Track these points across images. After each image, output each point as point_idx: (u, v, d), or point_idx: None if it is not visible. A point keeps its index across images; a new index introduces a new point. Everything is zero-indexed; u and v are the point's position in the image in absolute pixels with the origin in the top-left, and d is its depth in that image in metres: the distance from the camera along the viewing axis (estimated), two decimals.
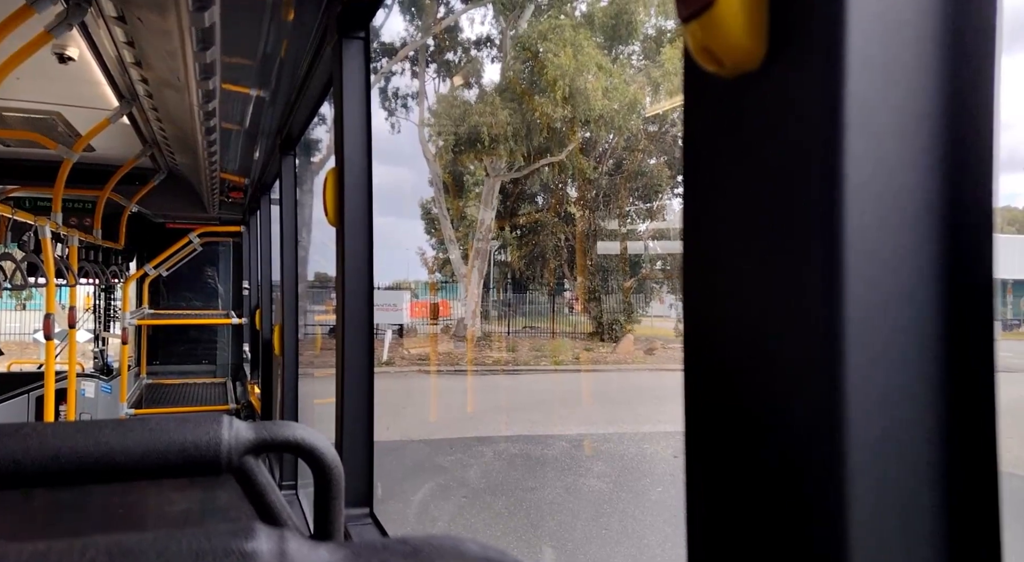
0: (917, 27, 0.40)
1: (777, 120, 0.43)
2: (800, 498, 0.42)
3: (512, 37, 22.88)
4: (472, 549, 0.43)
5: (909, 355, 0.40)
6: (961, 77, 0.40)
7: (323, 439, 0.96)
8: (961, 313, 0.41)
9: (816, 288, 0.41)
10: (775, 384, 0.44)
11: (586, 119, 21.47)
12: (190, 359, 7.74)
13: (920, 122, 0.40)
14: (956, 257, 0.41)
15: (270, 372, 4.52)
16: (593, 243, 26.84)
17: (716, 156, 0.48)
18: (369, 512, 1.89)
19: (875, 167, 0.39)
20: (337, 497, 0.97)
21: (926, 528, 0.40)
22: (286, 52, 2.63)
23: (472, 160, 23.40)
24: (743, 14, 0.42)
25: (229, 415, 0.89)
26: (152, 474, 0.85)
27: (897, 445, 0.40)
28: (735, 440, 0.47)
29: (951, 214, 0.41)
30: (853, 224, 0.39)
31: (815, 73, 0.40)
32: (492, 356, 22.27)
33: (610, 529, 7.36)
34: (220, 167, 4.53)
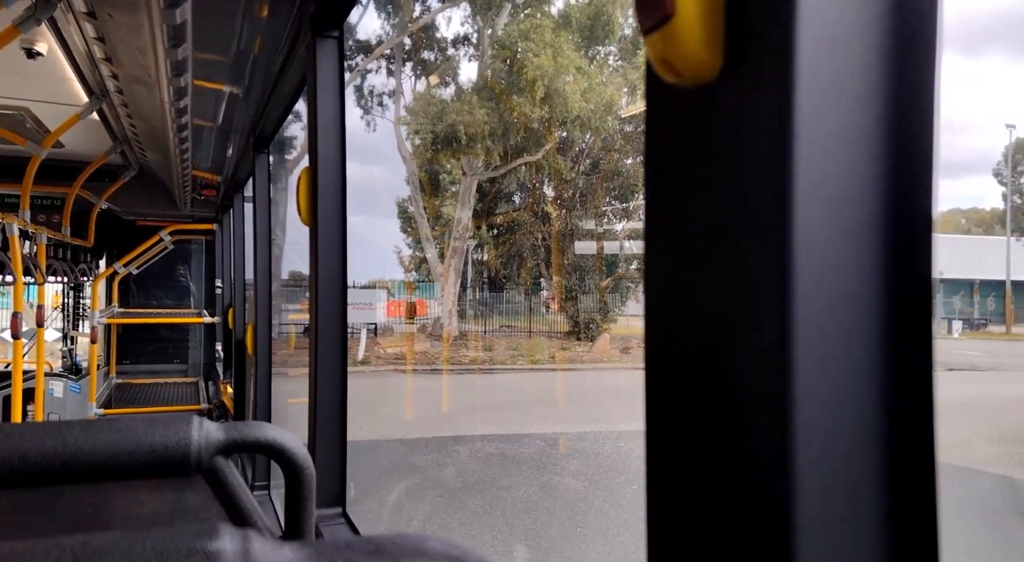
0: (863, 44, 0.42)
1: (732, 129, 0.45)
2: (751, 492, 0.43)
3: (489, 36, 22.87)
4: (435, 546, 0.44)
5: (854, 353, 0.42)
6: (904, 91, 0.42)
7: (294, 439, 0.96)
8: (902, 314, 0.43)
9: (768, 291, 0.42)
10: (729, 383, 0.45)
11: (563, 119, 21.53)
12: (161, 358, 7.64)
13: (865, 133, 0.42)
14: (898, 261, 0.43)
15: (243, 372, 4.48)
16: (570, 242, 26.92)
17: (676, 163, 0.50)
18: (342, 512, 1.89)
19: (823, 176, 0.41)
20: (308, 497, 0.97)
21: (870, 522, 0.42)
22: (260, 49, 2.61)
23: (449, 159, 23.36)
24: (700, 28, 0.44)
25: (199, 415, 0.89)
26: (121, 475, 0.84)
27: (843, 442, 0.42)
28: (692, 438, 0.49)
29: (894, 220, 0.43)
30: (802, 229, 0.41)
31: (767, 86, 0.42)
32: (469, 355, 22.25)
33: (586, 527, 7.40)
34: (192, 164, 4.48)
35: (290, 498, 0.97)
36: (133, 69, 2.60)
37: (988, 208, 59.87)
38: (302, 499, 0.96)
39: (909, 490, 0.43)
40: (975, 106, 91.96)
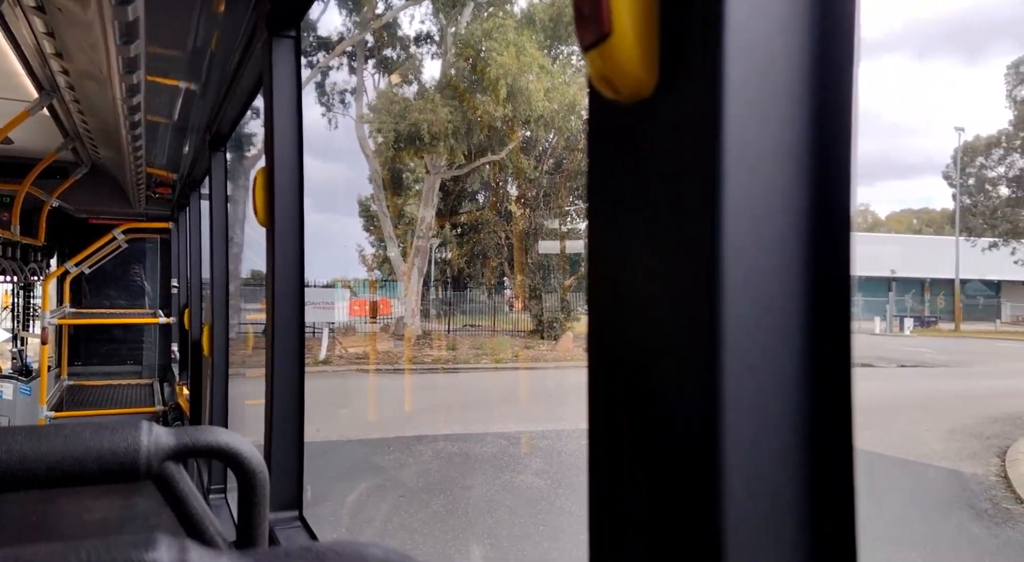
0: (786, 63, 0.44)
1: (667, 143, 0.47)
2: (682, 490, 0.45)
3: (453, 34, 22.81)
4: (375, 554, 0.44)
5: (778, 354, 0.45)
6: (824, 107, 0.45)
7: (247, 443, 0.96)
8: (824, 316, 0.46)
9: (698, 296, 0.45)
10: (662, 383, 0.48)
11: (527, 118, 21.57)
12: (115, 359, 7.46)
13: (788, 147, 0.45)
14: (820, 266, 0.46)
15: (199, 373, 4.41)
16: (534, 241, 27.00)
17: (616, 174, 0.52)
18: (298, 515, 1.87)
19: (749, 187, 0.44)
20: (261, 502, 0.96)
21: (792, 518, 0.44)
22: (216, 45, 2.57)
23: (412, 157, 23.23)
24: (636, 47, 0.46)
25: (149, 420, 0.88)
26: (68, 482, 0.83)
27: (767, 441, 0.44)
28: (628, 437, 0.50)
29: (816, 229, 0.45)
30: (730, 238, 0.43)
31: (699, 102, 0.44)
32: (432, 354, 22.17)
33: (548, 525, 7.44)
34: (146, 162, 4.39)
35: (243, 503, 0.96)
36: (84, 65, 2.54)
37: (939, 208, 61.76)
38: (255, 504, 0.96)
39: (829, 487, 0.45)
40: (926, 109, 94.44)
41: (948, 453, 10.32)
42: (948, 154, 40.65)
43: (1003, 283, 43.51)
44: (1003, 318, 42.12)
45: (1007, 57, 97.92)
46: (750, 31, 0.43)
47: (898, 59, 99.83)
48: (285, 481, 1.87)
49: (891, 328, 36.41)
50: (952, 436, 11.36)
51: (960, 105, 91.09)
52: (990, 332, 36.64)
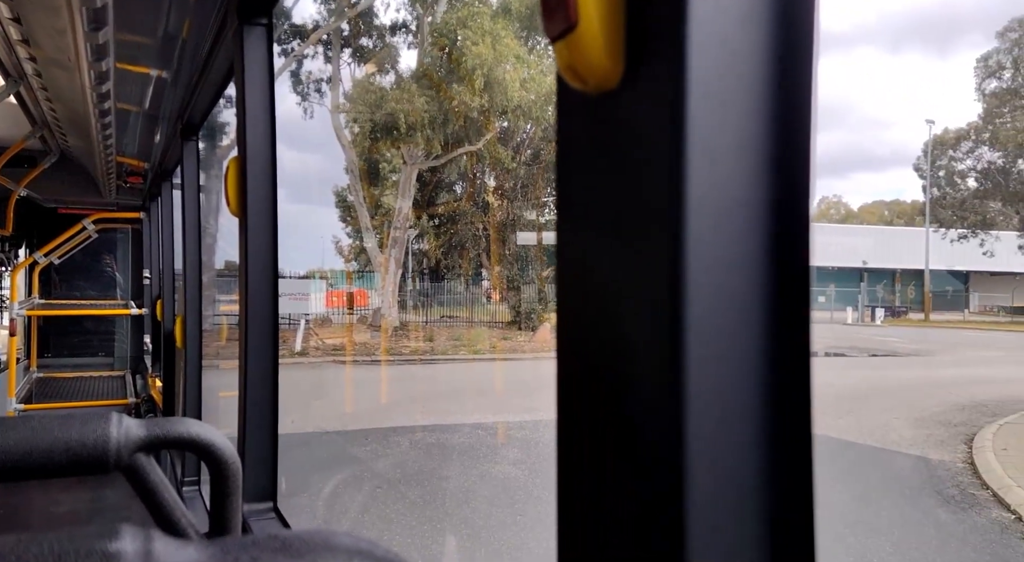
0: (748, 58, 0.45)
1: (633, 134, 0.48)
2: (648, 478, 0.46)
3: (429, 24, 22.64)
4: (343, 541, 0.45)
5: (740, 343, 0.46)
6: (785, 99, 0.46)
7: (219, 435, 0.95)
8: (783, 307, 0.47)
9: (660, 286, 0.45)
10: (628, 373, 0.48)
11: (504, 109, 21.51)
12: (86, 351, 7.35)
13: (750, 138, 0.46)
14: (780, 258, 0.46)
15: (172, 365, 4.36)
16: (511, 233, 27.00)
17: (583, 165, 0.53)
18: (272, 506, 1.87)
19: (712, 178, 0.45)
20: (234, 493, 0.96)
21: (752, 508, 0.46)
22: (188, 32, 2.53)
23: (389, 147, 23.07)
24: (602, 38, 0.47)
25: (121, 412, 0.87)
26: (36, 474, 0.82)
27: (728, 430, 0.45)
28: (595, 428, 0.51)
29: (776, 220, 0.46)
30: (692, 228, 0.44)
31: (663, 94, 0.45)
32: (409, 346, 22.13)
33: (525, 515, 7.48)
34: (117, 150, 4.32)
35: (216, 495, 0.96)
36: (52, 52, 2.49)
37: (909, 200, 62.70)
38: (227, 495, 0.96)
39: (788, 474, 0.46)
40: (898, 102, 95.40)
41: (917, 440, 10.53)
42: (919, 147, 41.30)
43: (971, 273, 44.38)
44: (971, 308, 43.01)
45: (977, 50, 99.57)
46: (713, 25, 0.44)
47: (871, 52, 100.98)
48: (259, 472, 1.87)
49: (863, 318, 36.99)
50: (921, 424, 11.59)
51: (931, 98, 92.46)
52: (958, 322, 37.37)
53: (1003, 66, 36.05)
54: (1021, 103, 35.96)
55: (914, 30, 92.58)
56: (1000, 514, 7.46)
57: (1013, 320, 38.71)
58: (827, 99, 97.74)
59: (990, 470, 8.69)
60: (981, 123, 37.78)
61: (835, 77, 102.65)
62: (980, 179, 38.98)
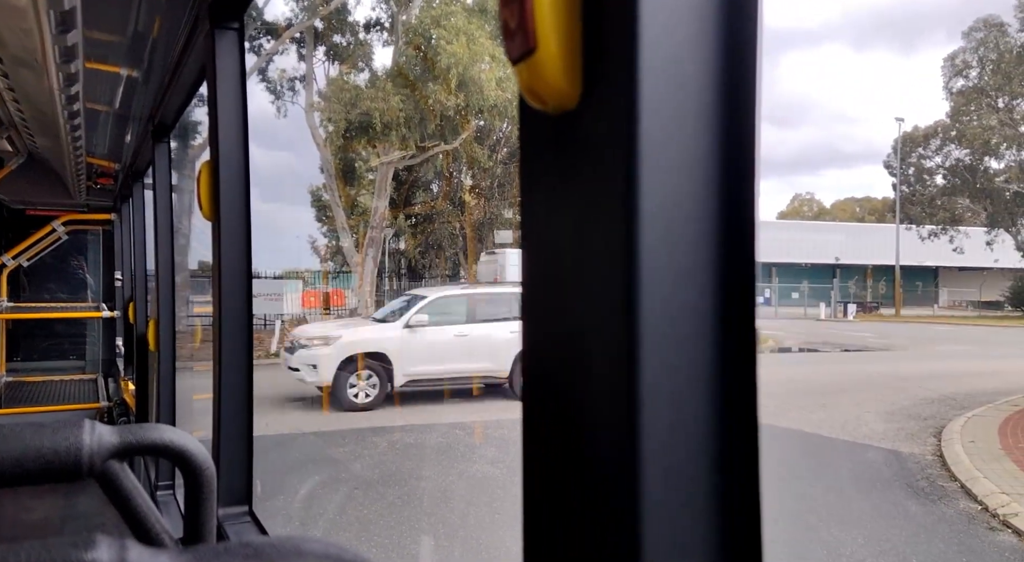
0: (696, 79, 0.48)
1: (590, 153, 0.50)
2: (606, 478, 0.49)
3: (403, 22, 22.54)
4: (313, 547, 0.46)
5: (690, 347, 0.49)
6: (731, 119, 0.49)
7: (193, 440, 0.96)
8: (731, 312, 0.50)
9: (617, 294, 0.48)
10: (587, 378, 0.51)
11: (480, 108, 21.50)
12: (56, 354, 7.23)
13: (699, 156, 0.48)
14: (728, 267, 0.49)
15: (145, 368, 4.31)
16: (489, 231, 27.00)
17: (545, 180, 0.56)
18: (248, 511, 1.86)
19: (662, 192, 0.47)
20: (208, 499, 0.96)
21: (703, 503, 0.48)
22: (159, 32, 2.51)
23: (364, 146, 22.95)
24: (560, 61, 0.49)
25: (93, 417, 0.87)
26: (7, 482, 0.82)
27: (681, 428, 0.48)
28: (556, 427, 0.54)
29: (724, 231, 0.49)
30: (645, 240, 0.47)
31: (618, 114, 0.48)
32: None
33: (503, 514, 7.50)
34: (87, 151, 4.26)
35: (190, 501, 0.96)
36: (17, 51, 2.45)
37: (880, 197, 63.72)
38: (202, 501, 0.96)
39: (737, 470, 0.49)
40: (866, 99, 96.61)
41: (888, 434, 10.72)
42: (888, 144, 41.98)
43: (941, 269, 45.24)
44: (940, 303, 43.86)
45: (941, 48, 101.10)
46: (663, 49, 0.47)
47: (837, 48, 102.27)
48: (234, 476, 1.86)
49: (835, 313, 37.54)
50: (892, 417, 11.80)
51: (899, 95, 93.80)
52: (928, 317, 38.07)
53: (969, 65, 36.77)
54: (987, 101, 36.70)
55: (879, 28, 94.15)
56: (968, 505, 7.63)
57: (981, 314, 39.53)
58: (796, 95, 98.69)
59: (958, 462, 8.87)
60: (949, 121, 38.51)
61: (803, 74, 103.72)
62: (948, 176, 39.72)
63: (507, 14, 0.51)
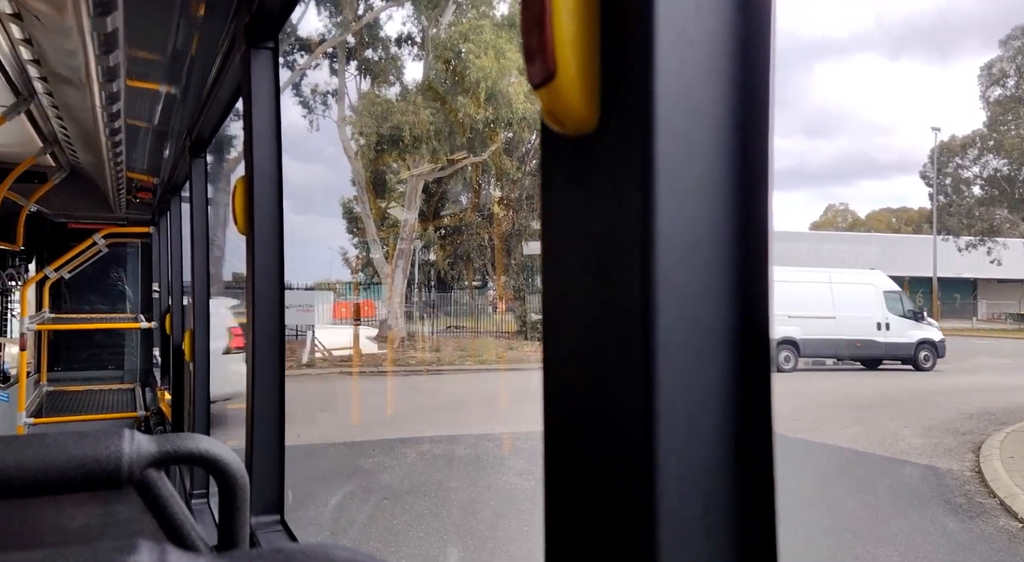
0: (710, 106, 0.50)
1: (608, 174, 0.52)
2: (623, 488, 0.50)
3: (433, 37, 22.78)
4: (341, 554, 0.48)
5: (705, 365, 0.50)
6: (744, 143, 0.51)
7: (227, 450, 0.98)
8: (746, 331, 0.51)
9: (634, 313, 0.49)
10: (606, 391, 0.52)
11: (508, 120, 21.59)
12: (95, 365, 7.39)
13: (713, 180, 0.50)
14: (743, 287, 0.51)
15: (181, 378, 4.40)
16: (517, 242, 27.02)
17: (564, 200, 0.58)
18: (280, 519, 1.89)
19: (677, 214, 0.49)
20: (242, 507, 0.99)
21: (722, 516, 0.49)
22: (196, 51, 2.58)
23: (395, 159, 23.17)
24: (579, 87, 0.51)
25: (131, 426, 0.90)
26: (51, 490, 0.85)
27: (697, 440, 0.49)
28: (574, 442, 0.55)
29: (738, 251, 0.51)
30: (661, 261, 0.48)
31: (635, 138, 0.49)
32: (416, 356, 22.13)
33: (533, 526, 7.46)
34: (127, 166, 4.37)
35: (224, 509, 0.99)
36: (63, 71, 2.54)
37: (916, 207, 62.47)
38: (235, 509, 0.98)
39: (752, 480, 0.50)
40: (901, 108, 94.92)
41: (925, 449, 10.47)
42: (924, 153, 41.22)
43: (979, 281, 44.16)
44: (979, 315, 42.76)
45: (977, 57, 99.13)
46: (679, 76, 0.48)
47: (870, 58, 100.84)
48: (266, 485, 1.89)
49: None
50: (929, 432, 11.53)
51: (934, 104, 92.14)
52: (967, 329, 37.12)
53: (1007, 74, 36.00)
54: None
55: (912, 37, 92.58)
56: (1007, 522, 7.41)
57: (1021, 327, 38.44)
58: (829, 105, 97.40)
59: (997, 478, 8.64)
60: (986, 130, 37.70)
61: (836, 83, 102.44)
62: (986, 186, 38.85)
63: (529, 40, 0.53)
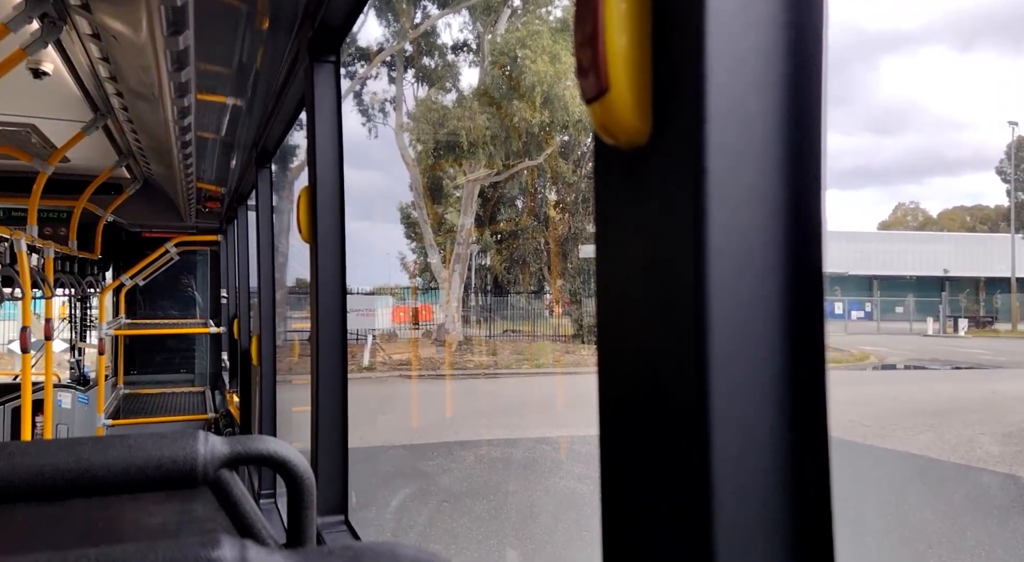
0: (761, 118, 0.51)
1: (660, 186, 0.53)
2: (680, 487, 0.51)
3: (489, 42, 22.95)
4: (407, 553, 0.49)
5: (759, 381, 0.50)
6: (796, 157, 0.51)
7: (295, 452, 1.01)
8: (799, 348, 0.51)
9: (687, 326, 0.50)
10: (661, 393, 0.53)
11: (564, 123, 21.58)
12: (168, 368, 7.68)
13: (765, 193, 0.51)
14: (795, 300, 0.51)
15: (248, 381, 4.53)
16: (573, 246, 26.95)
17: (618, 212, 0.59)
18: (344, 519, 1.94)
19: (730, 227, 0.50)
20: (309, 507, 1.02)
21: (774, 511, 0.49)
22: (261, 64, 2.67)
23: (451, 165, 23.43)
24: (631, 101, 0.53)
25: (205, 430, 0.94)
26: (132, 488, 0.90)
27: (751, 438, 0.49)
28: (630, 450, 0.56)
29: (790, 265, 0.51)
30: (714, 275, 0.49)
31: (687, 151, 0.50)
32: (473, 360, 22.29)
33: (591, 530, 7.43)
34: (196, 177, 4.54)
35: (292, 508, 1.02)
36: (137, 86, 2.66)
37: (992, 205, 59.81)
38: (303, 509, 1.01)
39: (807, 482, 0.50)
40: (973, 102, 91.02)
41: (1005, 457, 9.99)
42: (999, 149, 39.39)
43: None
44: None
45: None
46: (730, 90, 0.49)
47: (940, 50, 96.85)
48: (331, 486, 1.94)
49: (944, 329, 35.32)
50: (1009, 439, 10.99)
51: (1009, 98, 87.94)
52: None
53: None
54: None
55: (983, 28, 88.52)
56: None
57: None
58: (896, 101, 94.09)
59: None
60: None
61: (904, 78, 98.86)
62: None
63: (582, 56, 0.54)
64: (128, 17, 1.86)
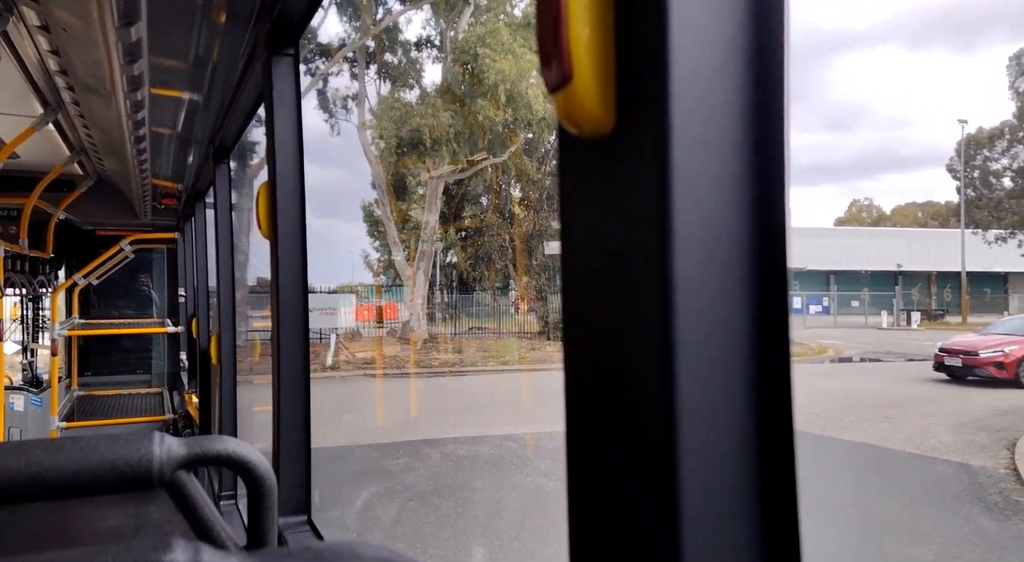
0: (724, 108, 0.51)
1: (624, 176, 0.53)
2: (647, 484, 0.51)
3: (451, 39, 22.86)
4: (368, 552, 0.48)
5: (724, 359, 0.51)
6: (759, 145, 0.51)
7: (255, 452, 0.99)
8: (765, 327, 0.51)
9: (653, 310, 0.50)
10: (626, 388, 0.53)
11: (528, 121, 21.61)
12: (124, 369, 7.52)
13: (728, 180, 0.51)
14: (760, 285, 0.51)
15: (208, 381, 4.45)
16: (539, 243, 27.03)
17: (582, 201, 0.59)
18: (307, 519, 1.91)
19: (694, 213, 0.50)
20: (270, 507, 1.00)
21: (744, 514, 0.49)
22: (218, 58, 2.62)
23: (415, 162, 23.29)
24: (595, 90, 0.52)
25: (160, 429, 0.92)
26: (85, 492, 0.87)
27: (717, 435, 0.50)
28: (595, 441, 0.56)
29: (756, 251, 0.51)
30: (679, 259, 0.49)
31: (651, 141, 0.50)
32: (439, 358, 22.22)
33: (559, 526, 7.46)
34: (152, 173, 4.44)
35: (252, 509, 1.00)
36: (89, 81, 2.58)
37: (943, 201, 61.49)
38: (264, 509, 0.99)
39: (774, 478, 0.51)
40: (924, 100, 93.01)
41: (957, 446, 10.30)
42: (950, 146, 40.53)
43: (1010, 275, 43.33)
44: (1011, 310, 41.90)
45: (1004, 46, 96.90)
46: (693, 80, 0.49)
47: (890, 50, 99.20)
48: (293, 486, 1.91)
49: (898, 322, 36.28)
50: (961, 429, 11.34)
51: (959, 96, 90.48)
52: None
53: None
54: None
55: (933, 27, 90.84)
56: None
57: None
58: (850, 99, 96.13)
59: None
60: (1016, 121, 37.01)
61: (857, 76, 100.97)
62: (1016, 178, 38.14)
63: (544, 45, 0.54)
64: (78, 8, 1.81)
